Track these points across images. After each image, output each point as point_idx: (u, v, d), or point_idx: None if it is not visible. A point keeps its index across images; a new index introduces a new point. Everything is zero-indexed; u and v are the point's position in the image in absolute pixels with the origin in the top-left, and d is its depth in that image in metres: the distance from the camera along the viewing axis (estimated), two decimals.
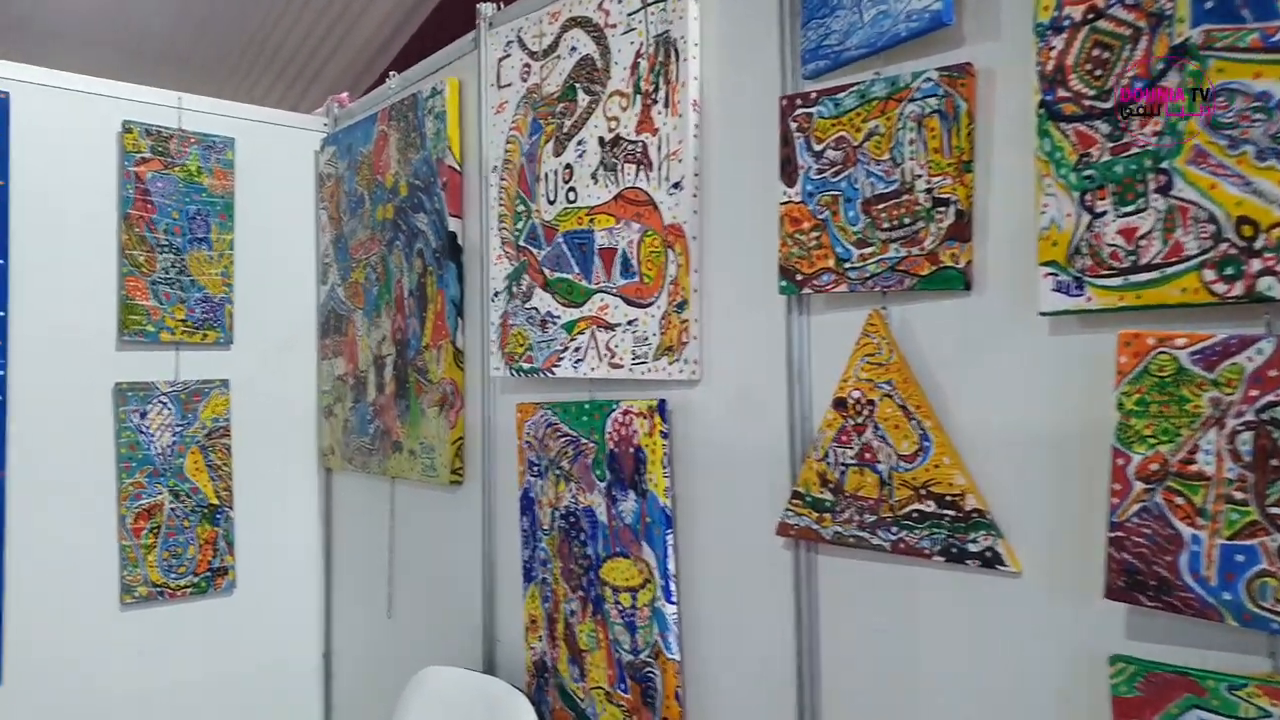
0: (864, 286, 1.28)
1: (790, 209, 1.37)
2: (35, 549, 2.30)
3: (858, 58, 1.30)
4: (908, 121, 1.23)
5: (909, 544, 1.23)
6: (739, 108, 1.52)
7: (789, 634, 1.43)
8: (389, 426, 2.39)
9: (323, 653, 2.78)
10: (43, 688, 2.31)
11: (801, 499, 1.37)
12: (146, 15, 4.37)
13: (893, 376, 1.26)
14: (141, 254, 2.43)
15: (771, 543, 1.45)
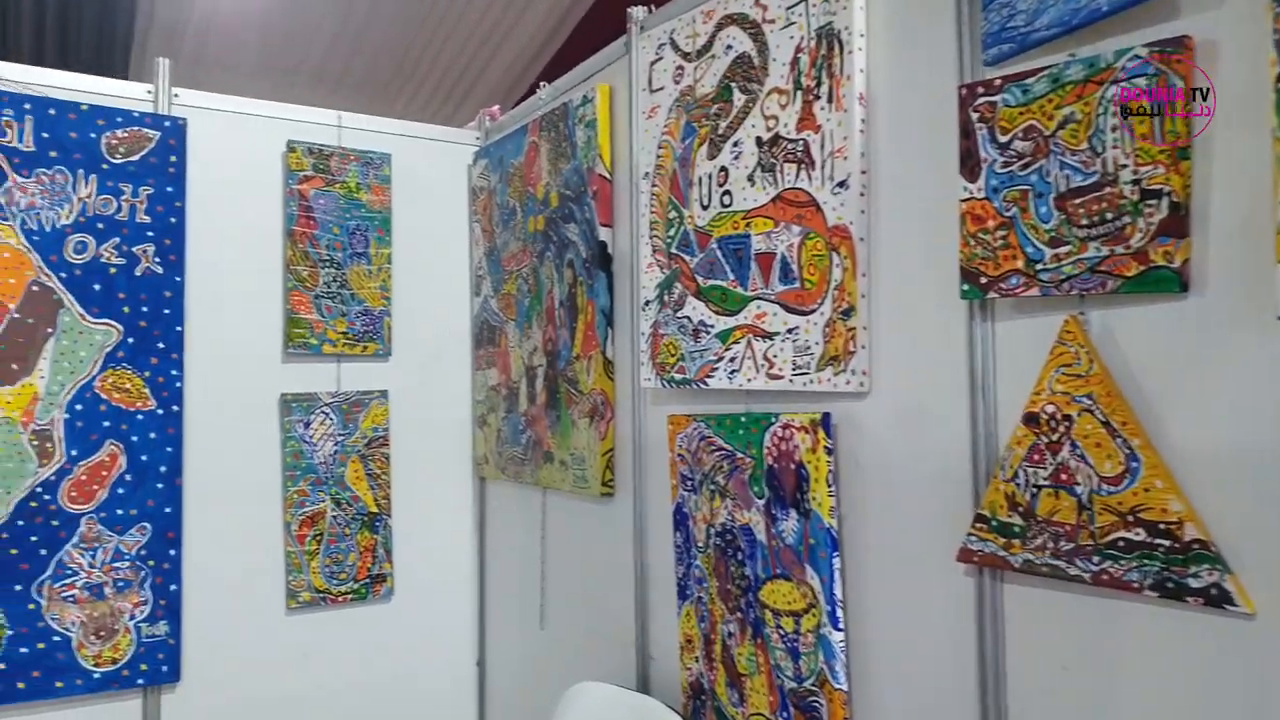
0: (1058, 290, 1.16)
1: (972, 206, 1.26)
2: (209, 554, 2.40)
3: (1049, 38, 1.18)
4: (1110, 106, 1.10)
5: (1113, 576, 1.10)
6: (910, 100, 1.42)
7: (970, 668, 1.31)
8: (540, 437, 2.38)
9: (476, 661, 2.80)
10: (216, 687, 2.41)
11: (986, 523, 1.25)
12: (307, 39, 4.58)
13: (1093, 389, 1.13)
14: (305, 269, 2.51)
15: (950, 569, 1.34)
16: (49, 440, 2.19)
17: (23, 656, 2.14)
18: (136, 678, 2.26)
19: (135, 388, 2.29)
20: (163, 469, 2.31)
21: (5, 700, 2.13)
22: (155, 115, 2.33)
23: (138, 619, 2.27)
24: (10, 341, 2.15)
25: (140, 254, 2.30)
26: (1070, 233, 1.14)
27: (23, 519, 2.16)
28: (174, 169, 2.34)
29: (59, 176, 2.21)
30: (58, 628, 2.18)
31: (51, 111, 2.21)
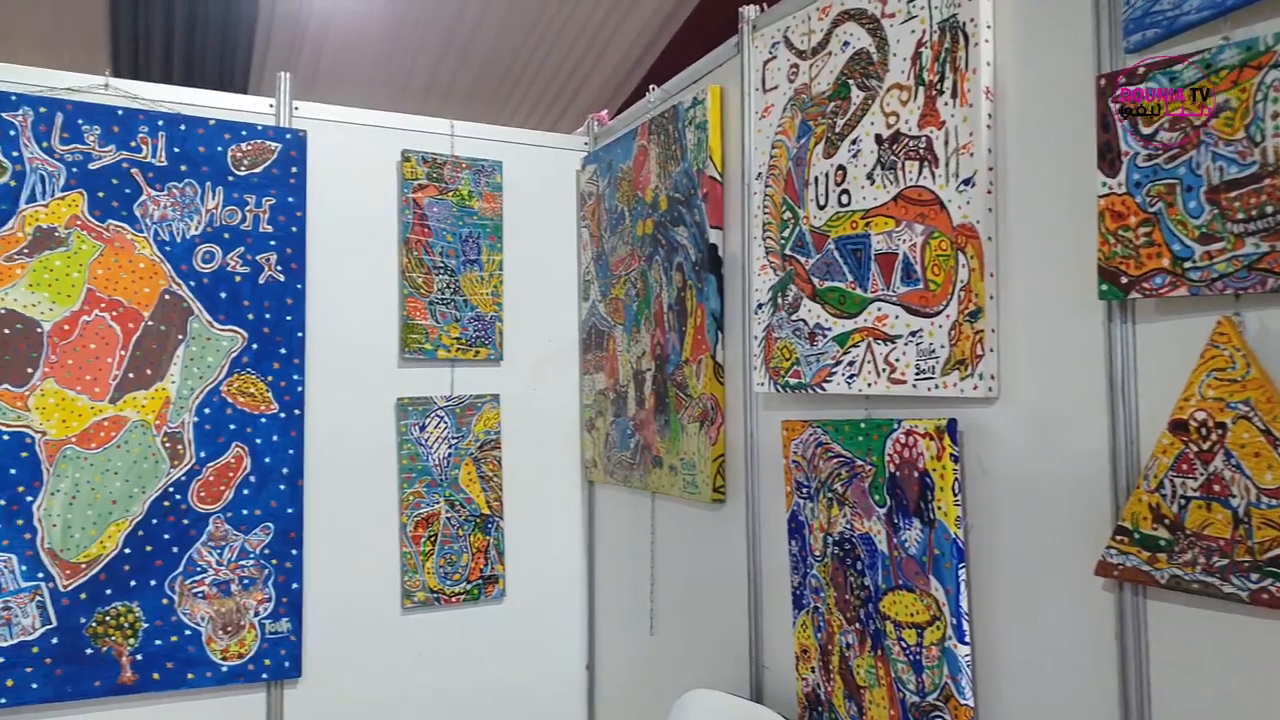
0: (1210, 289, 1.08)
1: (1112, 202, 1.19)
2: (329, 553, 2.47)
3: (1199, 21, 1.11)
4: (1270, 92, 1.02)
5: (1275, 595, 1.03)
6: (1041, 92, 1.35)
7: (1110, 688, 1.24)
8: (649, 441, 2.37)
9: (586, 664, 2.81)
10: (335, 683, 2.47)
11: (1128, 535, 1.18)
12: (415, 52, 4.68)
13: (1251, 395, 1.06)
14: (420, 276, 2.56)
15: (1087, 583, 1.27)
16: (180, 442, 2.28)
17: (158, 648, 2.24)
18: (261, 672, 2.33)
19: (259, 392, 2.37)
20: (285, 471, 2.38)
21: (142, 690, 2.23)
22: (277, 128, 2.41)
23: (262, 615, 2.34)
24: (145, 348, 2.25)
25: (263, 262, 2.38)
26: (1224, 228, 1.07)
27: (156, 517, 2.25)
28: (295, 179, 2.41)
29: (189, 189, 2.31)
30: (189, 622, 2.27)
31: (182, 127, 2.30)
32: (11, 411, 2.13)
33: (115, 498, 2.21)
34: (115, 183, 2.24)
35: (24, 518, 2.14)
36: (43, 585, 2.15)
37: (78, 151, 2.21)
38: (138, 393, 2.24)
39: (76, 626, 2.17)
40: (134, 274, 2.25)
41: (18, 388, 2.14)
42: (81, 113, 2.22)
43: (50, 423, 2.16)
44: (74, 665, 2.17)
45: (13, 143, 2.15)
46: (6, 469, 2.12)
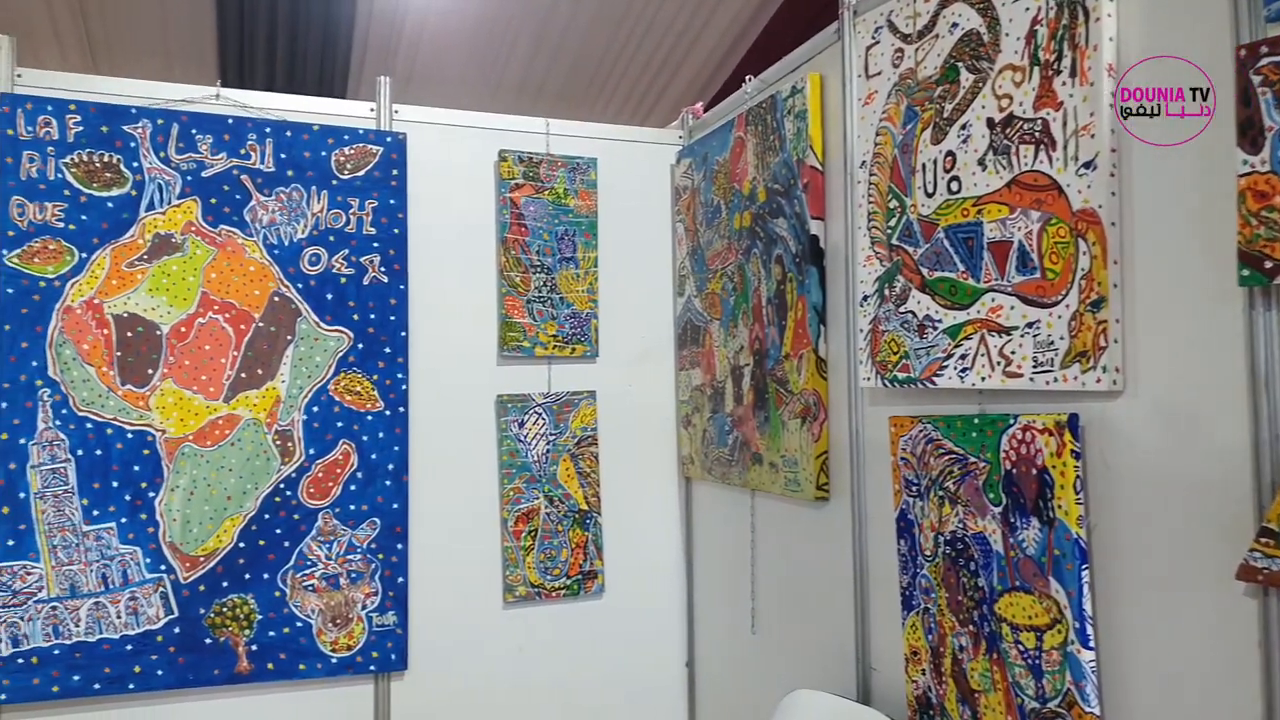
0: None
1: (1254, 181, 1.11)
2: (433, 548, 2.51)
3: None
4: None
5: None
6: (1170, 67, 1.28)
7: (1253, 700, 1.16)
8: (748, 438, 2.34)
9: (685, 662, 2.79)
10: (439, 676, 2.51)
11: (1274, 537, 1.10)
12: (508, 52, 4.72)
13: None
14: (517, 274, 2.58)
15: (1226, 588, 1.19)
16: (290, 440, 2.35)
17: (271, 640, 2.31)
18: (369, 664, 2.39)
19: (365, 390, 2.42)
20: (390, 467, 2.43)
21: (257, 679, 2.30)
22: (378, 132, 2.46)
23: (369, 609, 2.39)
24: (256, 349, 2.32)
25: (367, 264, 2.43)
26: None
27: (268, 513, 2.32)
28: (396, 182, 2.46)
29: (295, 194, 2.37)
30: (300, 615, 2.34)
31: (288, 134, 2.37)
32: (135, 411, 2.22)
33: (230, 494, 2.29)
34: (226, 189, 2.32)
35: (147, 512, 2.23)
36: (165, 577, 2.23)
37: (192, 160, 2.29)
38: (250, 392, 2.31)
39: (196, 617, 2.25)
40: (245, 277, 2.32)
41: (140, 388, 2.23)
42: (195, 123, 2.30)
43: (169, 421, 2.25)
44: (194, 654, 2.25)
45: (133, 154, 2.25)
46: (131, 466, 2.22)
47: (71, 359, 2.18)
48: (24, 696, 2.13)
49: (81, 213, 2.21)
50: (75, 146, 2.20)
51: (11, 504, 2.13)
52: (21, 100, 2.18)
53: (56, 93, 2.22)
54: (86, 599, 2.18)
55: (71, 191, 2.20)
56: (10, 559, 2.13)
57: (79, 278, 2.20)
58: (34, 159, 2.17)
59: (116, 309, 2.22)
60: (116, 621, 2.19)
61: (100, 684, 2.18)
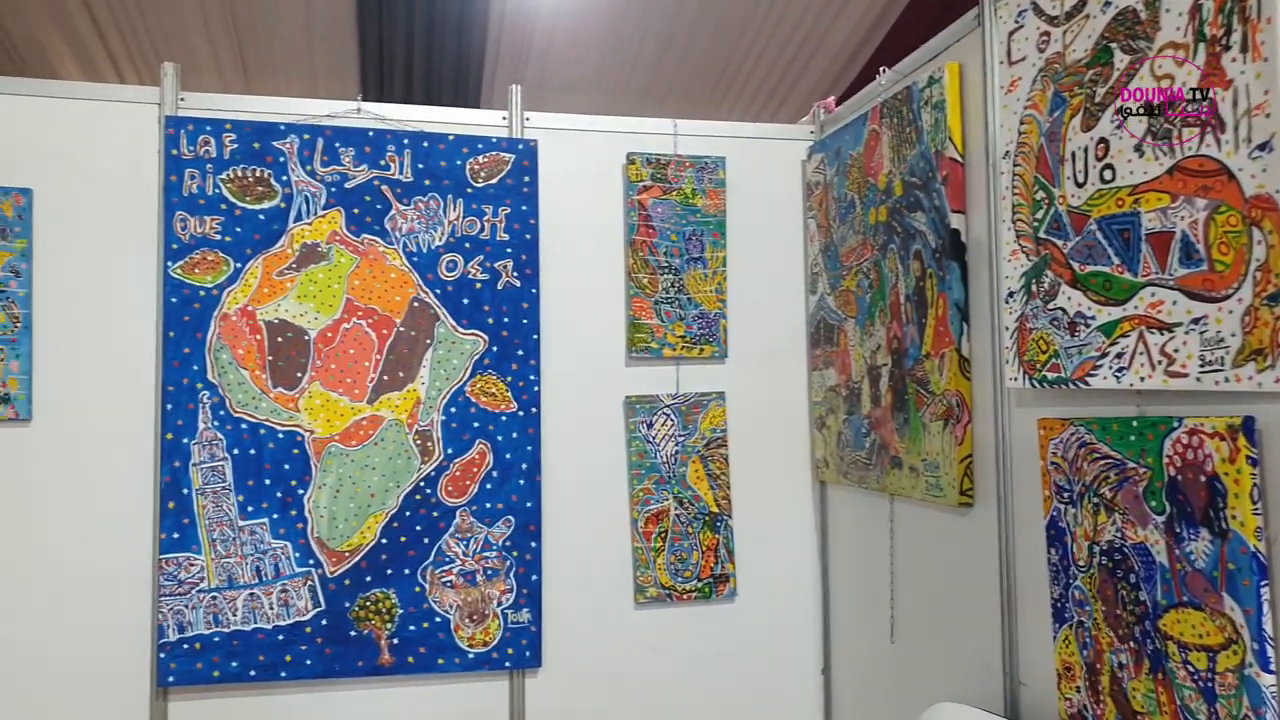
0: None
1: None
2: (565, 547, 2.54)
3: None
4: None
5: None
6: None
7: None
8: (886, 440, 2.27)
9: (821, 669, 2.73)
10: (572, 674, 2.54)
11: None
12: (635, 55, 4.73)
13: None
14: (645, 276, 2.58)
15: None
16: (429, 439, 2.41)
17: (411, 633, 2.38)
18: (504, 660, 2.43)
19: (499, 391, 2.47)
20: (524, 466, 2.47)
21: (398, 672, 2.38)
22: (510, 139, 2.51)
23: (504, 605, 2.44)
24: (397, 352, 2.40)
25: (501, 269, 2.48)
26: None
27: (409, 510, 2.40)
28: (527, 188, 2.50)
29: (432, 202, 2.44)
30: (439, 610, 2.40)
31: (425, 144, 2.44)
32: (285, 412, 2.33)
33: (373, 491, 2.37)
34: (368, 199, 2.41)
35: (296, 509, 2.33)
36: (313, 571, 2.33)
37: (336, 173, 2.39)
38: (391, 394, 2.39)
39: (342, 610, 2.34)
40: (386, 284, 2.40)
41: (290, 390, 2.34)
42: (338, 136, 2.39)
43: (317, 422, 2.35)
44: (340, 645, 2.34)
45: (282, 168, 2.36)
46: (281, 464, 2.33)
47: (228, 363, 2.31)
48: (189, 679, 2.26)
49: (236, 225, 2.33)
50: (230, 163, 2.33)
51: (177, 499, 2.27)
52: (184, 122, 2.32)
53: (214, 113, 2.36)
54: (242, 590, 2.29)
55: (227, 205, 2.33)
56: (175, 550, 2.26)
57: (234, 286, 2.33)
58: (194, 176, 2.31)
59: (268, 315, 2.34)
60: (269, 612, 2.30)
61: (255, 671, 2.29)
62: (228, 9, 4.01)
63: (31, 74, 4.27)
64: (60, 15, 3.92)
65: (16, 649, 2.24)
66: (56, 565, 2.26)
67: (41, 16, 3.95)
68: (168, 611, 2.25)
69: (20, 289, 2.24)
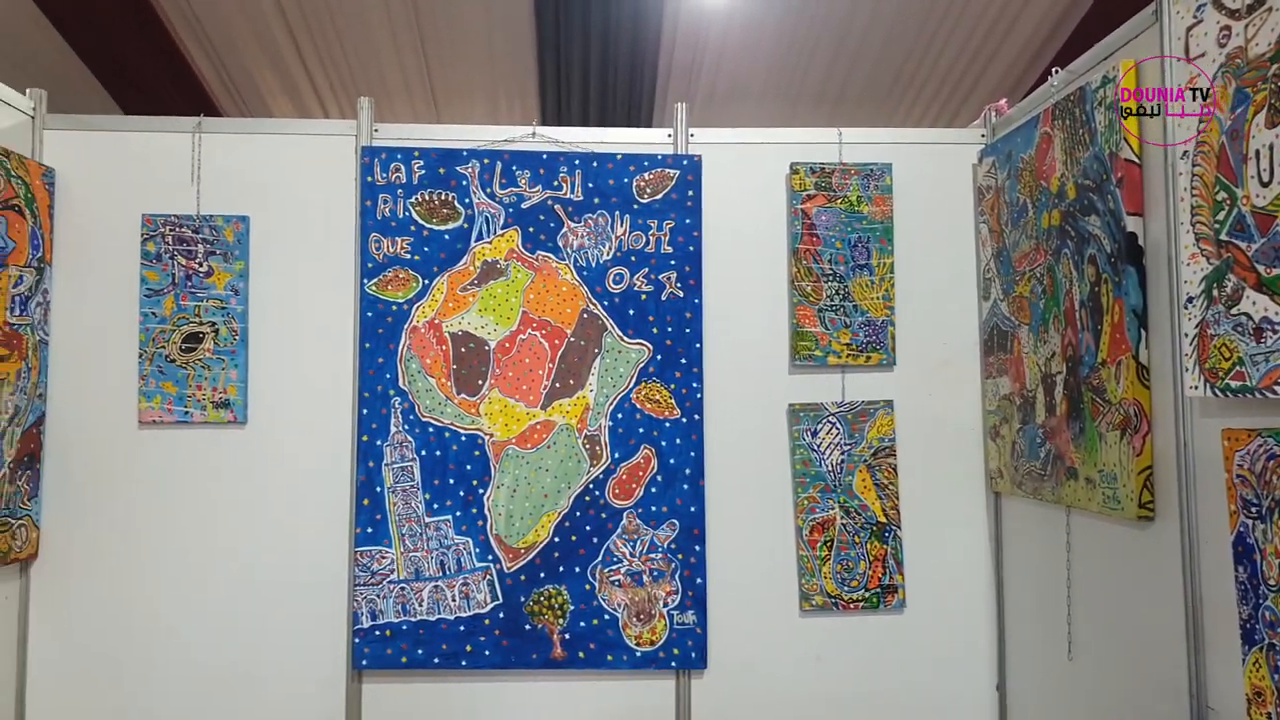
0: None
1: None
2: (729, 552, 2.59)
3: None
4: None
5: None
6: None
7: None
8: (1061, 451, 2.19)
9: (996, 685, 2.66)
10: (737, 677, 2.58)
11: None
12: (807, 60, 4.72)
13: None
14: (809, 284, 2.60)
15: None
16: (598, 444, 2.52)
17: (582, 630, 2.49)
18: (670, 660, 2.50)
19: (664, 399, 2.55)
20: (687, 471, 2.54)
21: (570, 666, 2.49)
22: (675, 156, 2.60)
23: (670, 606, 2.51)
24: (568, 361, 2.53)
25: (665, 281, 2.57)
26: None
27: (579, 511, 2.51)
28: (691, 202, 2.58)
29: (600, 219, 2.57)
30: (607, 608, 2.50)
31: (594, 164, 2.57)
32: (467, 417, 2.50)
33: (546, 492, 2.50)
34: (542, 218, 2.55)
35: (477, 507, 2.49)
36: (491, 566, 2.48)
37: (513, 194, 2.55)
38: (563, 400, 2.52)
39: (518, 604, 2.48)
40: (558, 297, 2.54)
41: (472, 396, 2.50)
42: (516, 160, 2.56)
43: (496, 426, 2.50)
44: (516, 638, 2.48)
45: (465, 191, 2.54)
46: (464, 465, 2.49)
47: (417, 372, 2.50)
48: (380, 664, 2.46)
49: (424, 245, 2.53)
50: (419, 187, 2.54)
51: (371, 497, 2.47)
52: (378, 151, 2.54)
53: (404, 142, 2.58)
54: (428, 582, 2.47)
55: (416, 227, 2.53)
56: (369, 544, 2.47)
57: (422, 301, 2.52)
58: (387, 200, 2.53)
59: (453, 328, 2.52)
60: (452, 604, 2.47)
61: (439, 658, 2.46)
62: (418, 45, 4.31)
63: (248, 108, 4.75)
64: (273, 55, 4.34)
65: (234, 628, 2.51)
66: (269, 552, 2.52)
67: (257, 56, 4.38)
68: (362, 600, 2.46)
69: (238, 305, 2.52)
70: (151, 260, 2.52)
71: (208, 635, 2.50)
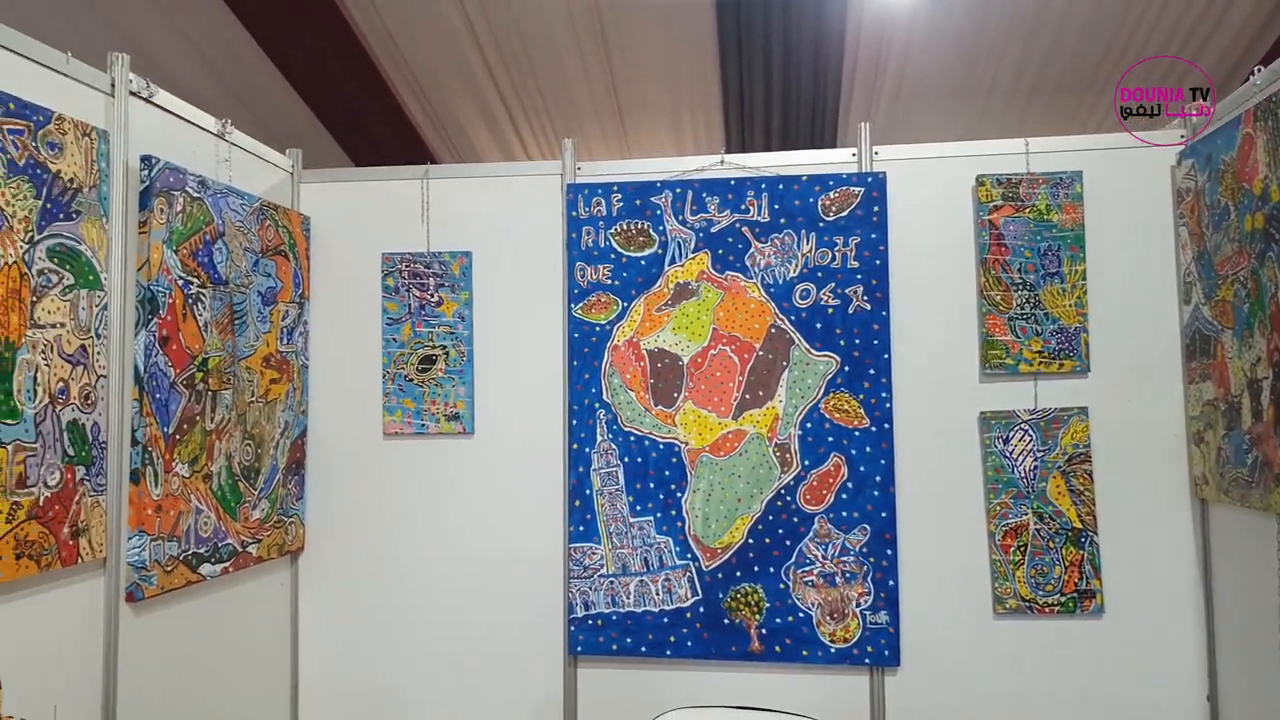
0: None
1: None
2: (921, 555, 2.66)
3: None
4: None
5: None
6: None
7: None
8: (1269, 457, 2.13)
9: (1206, 695, 2.59)
10: (931, 676, 2.65)
11: None
12: (996, 62, 4.58)
13: None
14: (998, 293, 2.62)
15: None
16: (788, 452, 2.66)
17: (778, 626, 2.65)
18: (864, 657, 2.62)
19: (852, 408, 2.65)
20: (878, 478, 2.63)
21: (767, 659, 2.65)
22: (859, 174, 2.69)
23: (862, 607, 2.62)
24: (757, 374, 2.68)
25: (851, 295, 2.67)
26: None
27: (771, 515, 2.66)
28: (876, 218, 2.66)
29: (787, 238, 2.70)
30: (801, 606, 2.64)
31: (780, 186, 2.71)
32: (664, 427, 2.70)
33: (740, 496, 2.67)
34: (730, 240, 2.72)
35: (676, 509, 2.69)
36: (691, 565, 2.68)
37: (703, 219, 2.73)
38: (753, 411, 2.68)
39: (716, 600, 2.67)
40: (747, 314, 2.70)
41: (668, 408, 2.71)
42: (705, 187, 2.74)
43: (691, 435, 2.70)
44: (716, 631, 2.67)
45: (659, 220, 2.75)
46: (663, 471, 2.70)
47: (618, 386, 2.73)
48: (593, 650, 2.72)
49: (623, 271, 2.76)
50: (617, 219, 2.77)
51: (581, 499, 2.73)
52: (581, 188, 2.80)
53: (603, 178, 2.82)
54: (634, 577, 2.70)
55: (615, 255, 2.76)
56: (581, 541, 2.73)
57: (622, 322, 2.75)
58: (590, 232, 2.77)
59: (649, 345, 2.73)
60: (656, 598, 2.69)
61: (645, 647, 2.69)
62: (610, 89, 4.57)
63: (461, 155, 5.20)
64: (483, 106, 4.74)
65: (469, 613, 2.84)
66: (496, 546, 2.84)
67: (468, 108, 4.78)
68: (576, 592, 2.72)
69: (465, 330, 2.84)
70: (391, 293, 2.88)
71: (447, 618, 2.85)
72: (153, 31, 3.99)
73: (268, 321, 2.66)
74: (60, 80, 2.03)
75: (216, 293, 2.43)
